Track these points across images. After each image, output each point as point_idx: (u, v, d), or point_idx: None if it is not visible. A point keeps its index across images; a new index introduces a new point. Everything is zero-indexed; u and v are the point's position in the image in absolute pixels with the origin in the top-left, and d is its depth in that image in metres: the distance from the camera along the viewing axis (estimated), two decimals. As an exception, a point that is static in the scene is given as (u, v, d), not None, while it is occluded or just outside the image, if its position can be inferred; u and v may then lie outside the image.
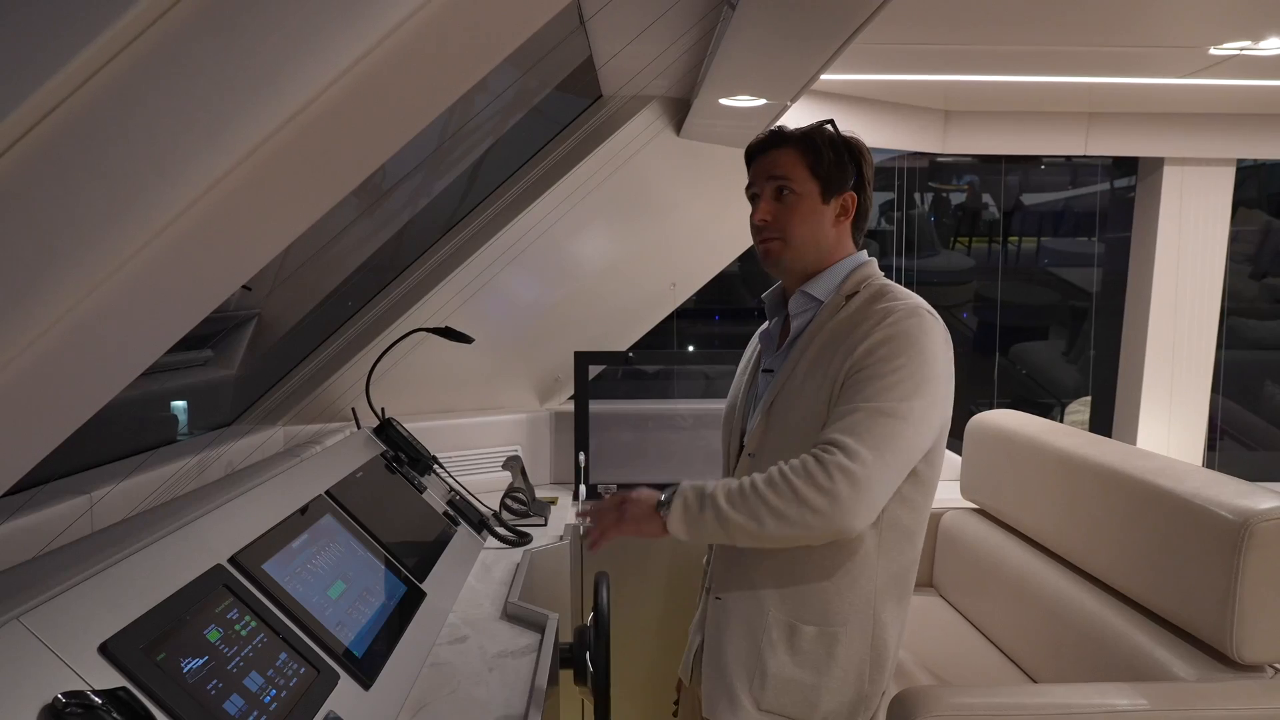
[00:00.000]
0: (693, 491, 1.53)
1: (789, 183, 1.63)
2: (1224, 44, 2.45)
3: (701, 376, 4.15)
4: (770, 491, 1.46)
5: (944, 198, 7.67)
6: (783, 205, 1.64)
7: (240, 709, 1.21)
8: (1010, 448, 2.40)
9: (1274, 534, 1.59)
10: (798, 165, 1.63)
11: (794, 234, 1.63)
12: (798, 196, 1.63)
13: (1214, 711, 1.57)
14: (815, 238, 1.64)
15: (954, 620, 2.47)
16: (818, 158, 1.62)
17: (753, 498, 1.47)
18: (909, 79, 3.00)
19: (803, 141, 1.64)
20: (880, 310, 1.56)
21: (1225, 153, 3.56)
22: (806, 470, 1.45)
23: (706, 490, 1.52)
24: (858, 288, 1.63)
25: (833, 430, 1.48)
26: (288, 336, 3.14)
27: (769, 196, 1.65)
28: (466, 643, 1.82)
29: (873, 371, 1.49)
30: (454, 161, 3.20)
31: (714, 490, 1.51)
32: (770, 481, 1.47)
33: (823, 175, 1.63)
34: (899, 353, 1.49)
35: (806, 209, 1.63)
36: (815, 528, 1.45)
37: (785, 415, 1.60)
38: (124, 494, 1.95)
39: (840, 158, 1.63)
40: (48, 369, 0.75)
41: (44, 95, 0.64)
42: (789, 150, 1.64)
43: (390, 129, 0.83)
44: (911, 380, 1.48)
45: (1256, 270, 6.98)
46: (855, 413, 1.47)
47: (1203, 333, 3.72)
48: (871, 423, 1.46)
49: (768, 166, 1.65)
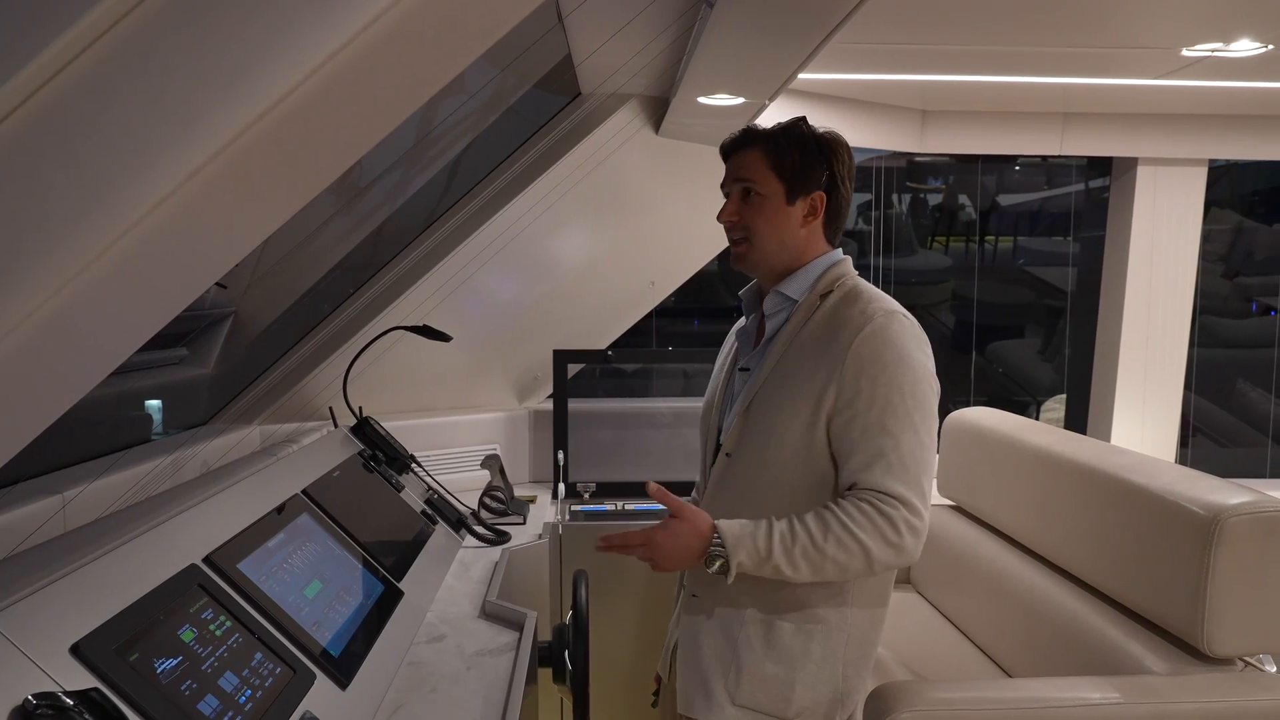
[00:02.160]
0: (749, 556, 1.51)
1: (753, 184, 1.64)
2: (1196, 45, 2.47)
3: (680, 374, 4.16)
4: (838, 550, 1.49)
5: (921, 198, 7.72)
6: (748, 206, 1.65)
7: (215, 709, 1.20)
8: (987, 445, 2.42)
9: (1244, 529, 1.62)
10: (761, 166, 1.63)
11: (758, 234, 1.64)
12: (762, 198, 1.64)
13: (1185, 704, 1.59)
14: (781, 238, 1.65)
15: (931, 616, 2.48)
16: (781, 158, 1.63)
17: (813, 556, 1.49)
18: (887, 78, 3.02)
19: (768, 142, 1.64)
20: (857, 314, 1.56)
21: (1197, 153, 3.61)
22: (877, 529, 1.48)
23: (760, 551, 1.51)
24: (831, 287, 1.63)
25: (878, 476, 1.50)
26: (264, 335, 3.11)
27: (736, 197, 1.67)
28: (444, 641, 1.82)
29: (872, 398, 1.51)
30: (432, 159, 3.18)
31: (773, 549, 1.50)
32: (837, 540, 1.49)
33: (787, 176, 1.63)
34: (891, 370, 1.51)
35: (771, 210, 1.64)
36: (876, 572, 1.54)
37: (763, 416, 1.61)
38: (97, 494, 1.92)
39: (807, 157, 1.63)
40: (18, 365, 0.74)
41: (13, 88, 0.63)
42: (754, 151, 1.65)
43: (367, 123, 0.83)
44: (915, 396, 1.52)
45: (1228, 270, 7.07)
46: (884, 455, 1.50)
47: (1175, 331, 3.77)
48: (910, 461, 1.51)
49: (735, 168, 1.67)
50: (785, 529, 1.51)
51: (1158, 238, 3.70)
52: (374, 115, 0.82)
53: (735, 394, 1.71)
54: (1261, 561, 1.63)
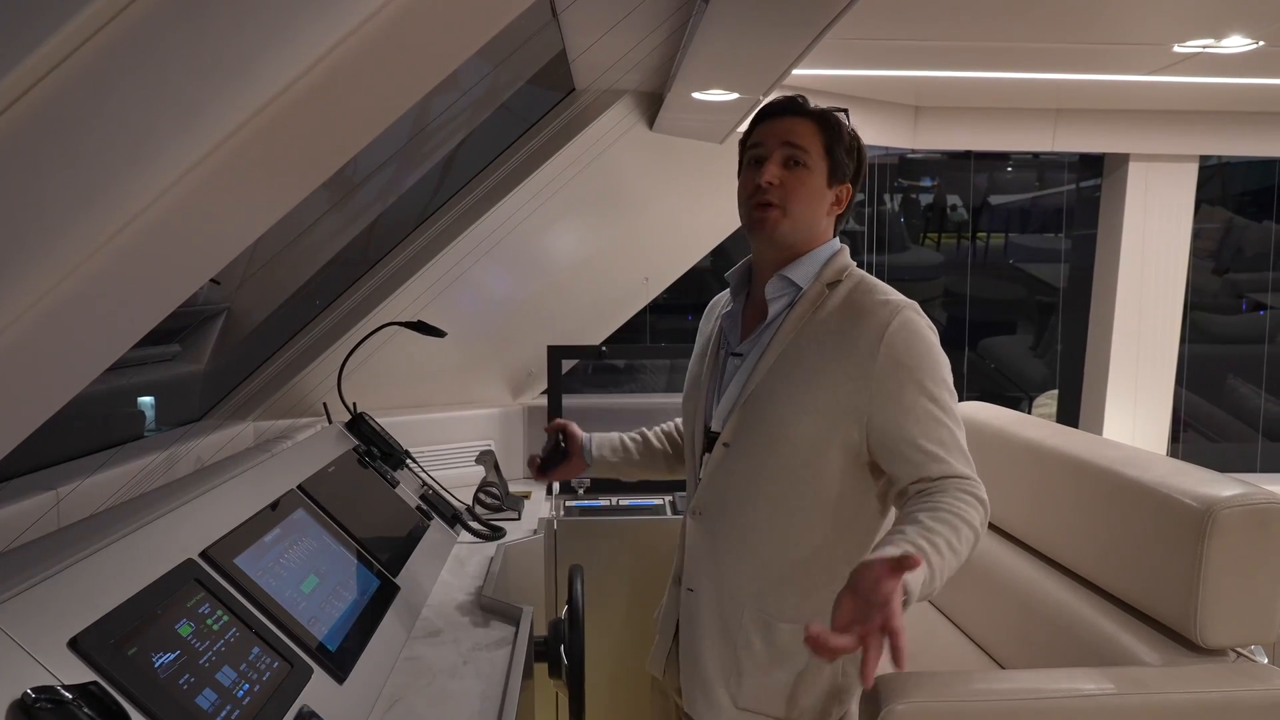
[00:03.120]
0: (917, 584, 1.32)
1: (806, 154, 1.57)
2: (1187, 41, 2.49)
3: (674, 369, 4.16)
4: (960, 541, 1.41)
5: (912, 197, 7.74)
6: (792, 175, 1.58)
7: (213, 703, 1.20)
8: (980, 438, 2.42)
9: (1237, 521, 1.63)
10: (816, 140, 1.58)
11: (795, 208, 1.57)
12: (808, 171, 1.58)
13: (1178, 695, 1.60)
14: (811, 218, 1.60)
15: (924, 609, 2.49)
16: (834, 140, 1.59)
17: (950, 556, 1.39)
18: (880, 74, 3.02)
19: (824, 120, 1.60)
20: (879, 307, 1.54)
21: (1188, 149, 3.62)
22: (976, 511, 1.46)
23: (924, 576, 1.34)
24: (838, 276, 1.60)
25: (956, 464, 1.50)
26: (258, 330, 3.11)
27: (778, 161, 1.58)
28: (441, 636, 1.82)
29: (917, 393, 1.51)
30: (426, 155, 3.18)
31: (930, 567, 1.35)
32: (955, 530, 1.40)
33: (834, 159, 1.59)
34: (928, 362, 1.53)
35: (813, 186, 1.59)
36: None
37: (766, 407, 1.56)
38: (91, 490, 1.92)
39: (849, 148, 1.62)
40: (17, 359, 0.74)
41: (13, 81, 0.63)
42: (810, 123, 1.59)
43: (366, 117, 0.83)
44: (947, 383, 1.56)
45: (1218, 267, 7.11)
46: (948, 440, 1.51)
47: (1167, 327, 3.79)
48: (962, 442, 1.53)
49: (784, 131, 1.59)
50: (927, 546, 1.36)
51: (1149, 233, 3.71)
52: (373, 109, 0.82)
53: (725, 379, 1.67)
54: (1254, 553, 1.64)
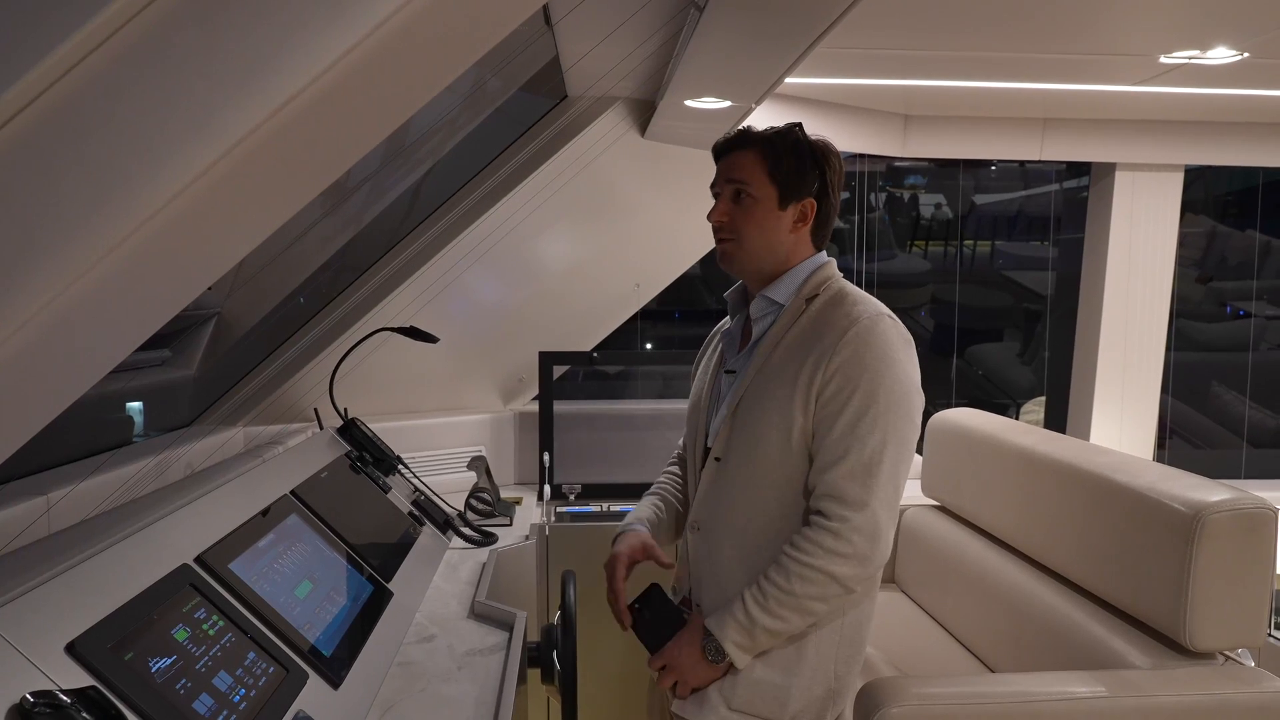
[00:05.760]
0: (737, 631, 1.54)
1: (747, 186, 1.63)
2: (1173, 53, 2.52)
3: (665, 376, 4.17)
4: (803, 585, 1.50)
5: (897, 195, 7.79)
6: (739, 208, 1.64)
7: (210, 708, 1.20)
8: (970, 445, 2.44)
9: (1225, 526, 1.65)
10: (757, 169, 1.63)
11: (747, 237, 1.64)
12: (754, 200, 1.63)
13: (1168, 698, 1.61)
14: (769, 242, 1.65)
15: (916, 615, 2.51)
16: (778, 163, 1.62)
17: (789, 601, 1.51)
18: (871, 84, 3.05)
19: (765, 145, 1.64)
20: (843, 316, 1.57)
21: (1175, 159, 3.66)
22: (827, 550, 1.49)
23: (743, 622, 1.53)
24: (817, 290, 1.64)
25: (836, 478, 1.51)
26: (249, 336, 3.10)
27: (727, 198, 1.65)
28: (434, 642, 1.82)
29: (847, 400, 1.52)
30: (419, 161, 3.18)
31: (752, 613, 1.52)
32: (800, 577, 1.50)
33: (781, 181, 1.63)
34: (871, 373, 1.52)
35: (762, 213, 1.63)
36: (854, 587, 1.53)
37: (751, 421, 1.61)
38: (82, 496, 1.91)
39: (802, 164, 1.63)
40: (24, 363, 0.74)
41: (27, 84, 0.63)
42: (750, 153, 1.64)
43: (371, 123, 0.84)
44: (892, 398, 1.52)
45: (1202, 274, 7.17)
46: (847, 457, 1.51)
47: (1153, 334, 3.82)
48: (874, 464, 1.51)
49: (727, 168, 1.66)
50: (755, 590, 1.53)
51: (1136, 242, 3.75)
52: (379, 115, 0.83)
53: (722, 396, 1.72)
54: (1242, 557, 1.66)
